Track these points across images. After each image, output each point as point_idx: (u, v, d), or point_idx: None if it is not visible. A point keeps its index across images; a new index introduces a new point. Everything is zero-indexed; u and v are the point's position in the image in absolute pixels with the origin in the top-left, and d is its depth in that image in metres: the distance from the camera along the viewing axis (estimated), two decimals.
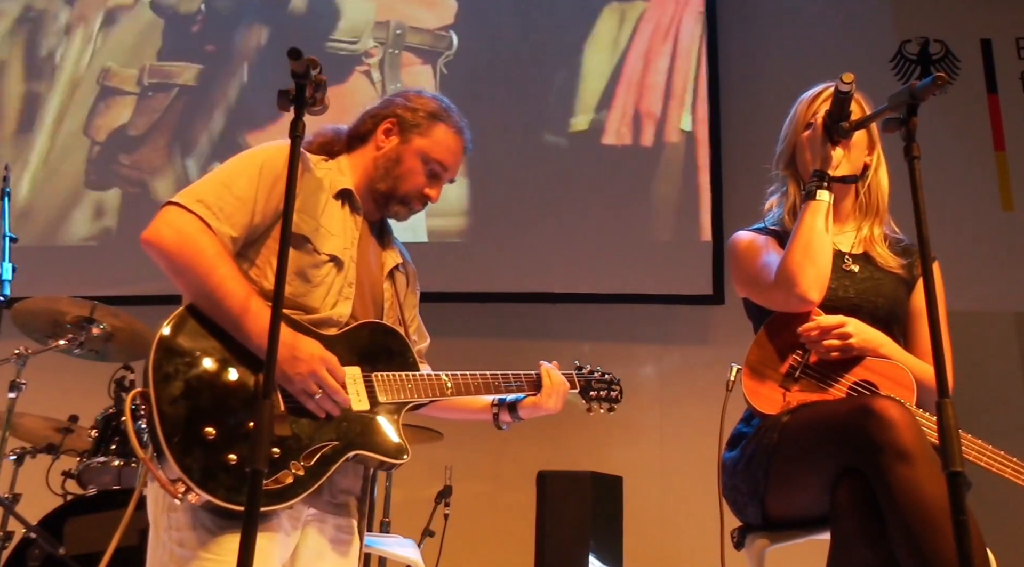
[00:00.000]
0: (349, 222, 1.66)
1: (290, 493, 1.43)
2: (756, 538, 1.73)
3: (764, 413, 1.71)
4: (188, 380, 1.42)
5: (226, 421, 1.42)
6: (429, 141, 1.71)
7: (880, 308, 1.78)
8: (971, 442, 1.62)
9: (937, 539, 1.38)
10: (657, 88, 4.25)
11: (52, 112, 4.35)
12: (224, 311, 1.46)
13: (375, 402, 1.57)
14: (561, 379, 1.81)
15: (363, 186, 1.71)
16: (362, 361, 1.59)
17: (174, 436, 1.37)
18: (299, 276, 1.56)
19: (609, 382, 1.94)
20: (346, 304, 1.61)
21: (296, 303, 1.56)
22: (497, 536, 3.73)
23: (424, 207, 1.76)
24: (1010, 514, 2.71)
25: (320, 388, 1.48)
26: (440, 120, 1.74)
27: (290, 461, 1.44)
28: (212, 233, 1.50)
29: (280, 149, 1.62)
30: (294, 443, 1.46)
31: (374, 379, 1.59)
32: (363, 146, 1.74)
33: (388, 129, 1.72)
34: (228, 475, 1.39)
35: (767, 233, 1.88)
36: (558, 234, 4.11)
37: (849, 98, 1.69)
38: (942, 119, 3.94)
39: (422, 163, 1.71)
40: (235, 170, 1.58)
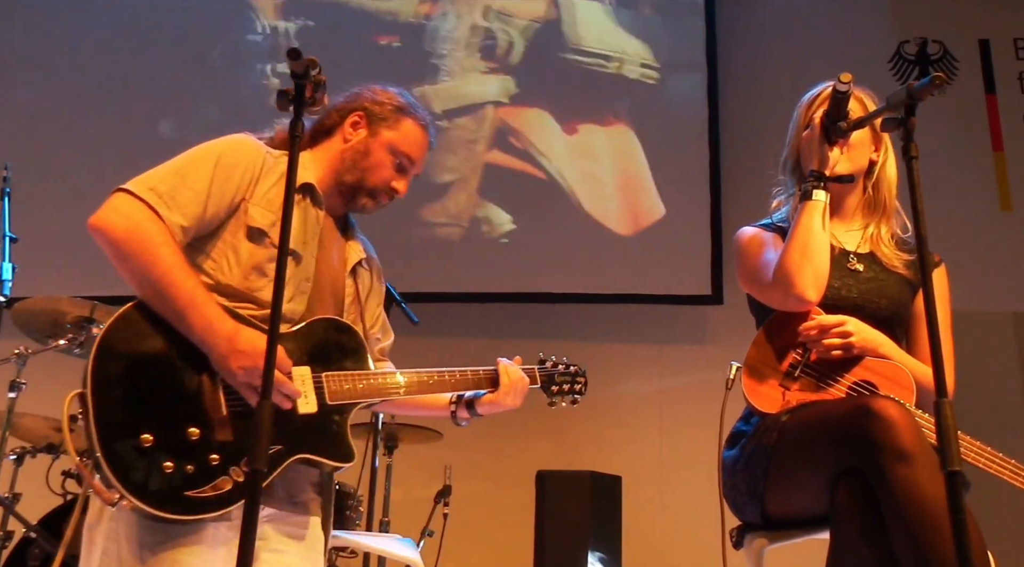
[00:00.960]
0: (310, 216, 1.64)
1: (226, 501, 1.40)
2: (755, 537, 1.73)
3: (763, 412, 1.71)
4: (128, 384, 1.40)
5: (165, 427, 1.39)
6: (397, 134, 1.71)
7: (883, 309, 1.78)
8: (969, 443, 1.62)
9: (936, 539, 1.39)
10: (657, 88, 4.26)
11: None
12: (168, 302, 1.44)
13: (323, 403, 1.53)
14: (519, 376, 1.79)
15: (328, 180, 1.69)
16: (312, 360, 1.55)
17: (109, 442, 1.35)
18: (256, 270, 1.55)
19: (573, 375, 1.92)
20: (302, 299, 1.59)
21: (251, 297, 1.54)
22: (496, 535, 3.73)
23: (391, 200, 1.75)
24: (1009, 514, 2.71)
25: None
26: (407, 114, 1.73)
27: (230, 467, 1.41)
28: (161, 222, 1.47)
29: (238, 142, 1.61)
30: (235, 448, 1.42)
31: (324, 380, 1.55)
32: (328, 140, 1.72)
33: (356, 122, 1.71)
34: (162, 483, 1.36)
35: (773, 230, 1.88)
36: (558, 234, 4.11)
37: (847, 98, 1.70)
38: (940, 119, 3.95)
39: (390, 156, 1.70)
40: (191, 160, 1.56)
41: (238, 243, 1.56)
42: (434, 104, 4.18)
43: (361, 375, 1.60)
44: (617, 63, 4.28)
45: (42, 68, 4.42)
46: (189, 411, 1.42)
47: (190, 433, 1.41)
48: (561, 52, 4.31)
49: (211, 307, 1.46)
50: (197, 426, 1.42)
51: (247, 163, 1.59)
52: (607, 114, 4.24)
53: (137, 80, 4.34)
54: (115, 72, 4.36)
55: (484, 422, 4.02)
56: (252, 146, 1.63)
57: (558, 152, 4.22)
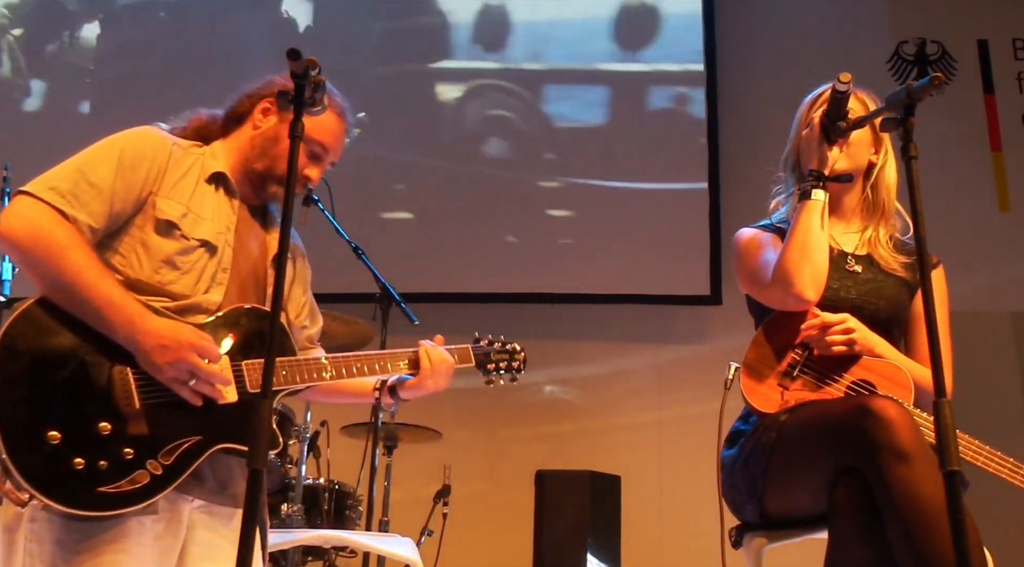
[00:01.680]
0: (224, 206, 1.61)
1: (145, 495, 1.38)
2: (754, 537, 1.74)
3: (762, 412, 1.71)
4: (32, 382, 1.37)
5: (73, 424, 1.36)
6: (310, 121, 1.62)
7: (881, 311, 1.78)
8: (968, 442, 1.63)
9: (934, 538, 1.39)
10: (656, 90, 4.26)
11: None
12: (83, 303, 1.40)
13: (243, 392, 1.50)
14: (442, 357, 1.73)
15: (239, 168, 1.65)
16: (231, 350, 1.52)
17: (15, 442, 1.32)
18: (167, 264, 1.51)
19: (511, 352, 1.88)
20: (219, 290, 1.55)
21: (163, 291, 1.50)
22: (496, 535, 3.73)
23: (304, 189, 1.70)
24: (1007, 513, 2.71)
25: (193, 375, 1.42)
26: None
27: (146, 460, 1.39)
28: (68, 223, 1.43)
29: (141, 134, 1.58)
30: (151, 441, 1.41)
31: (244, 368, 1.51)
32: (239, 127, 1.68)
33: (266, 108, 1.66)
34: (73, 480, 1.34)
35: (772, 230, 1.89)
36: (557, 235, 4.11)
37: (846, 98, 1.70)
38: (939, 120, 3.95)
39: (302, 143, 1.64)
40: (93, 156, 1.51)
41: (147, 237, 1.52)
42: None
43: (282, 362, 1.56)
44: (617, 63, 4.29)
45: (42, 68, 4.42)
46: (99, 406, 1.39)
47: (100, 428, 1.38)
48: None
49: (130, 305, 1.43)
50: (108, 420, 1.39)
51: (152, 155, 1.55)
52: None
53: (137, 80, 4.34)
54: (115, 72, 4.36)
55: (483, 422, 4.03)
56: (157, 137, 1.59)
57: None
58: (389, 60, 4.36)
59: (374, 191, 4.19)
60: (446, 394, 4.09)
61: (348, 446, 3.30)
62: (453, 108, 4.32)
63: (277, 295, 1.28)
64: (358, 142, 4.76)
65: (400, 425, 3.19)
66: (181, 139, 1.64)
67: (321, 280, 4.10)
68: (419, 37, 4.39)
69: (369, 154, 4.27)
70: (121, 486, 1.37)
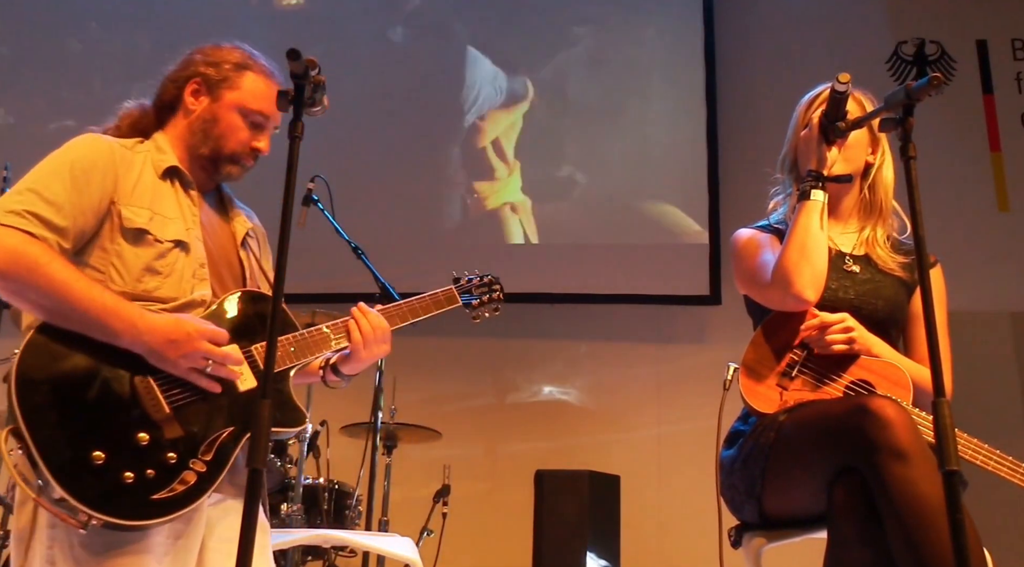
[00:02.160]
0: (184, 201, 1.58)
1: (196, 492, 1.40)
2: (753, 537, 1.74)
3: (761, 412, 1.72)
4: (60, 408, 1.35)
5: (113, 440, 1.37)
6: (241, 93, 1.60)
7: (880, 311, 1.79)
8: (967, 441, 1.63)
9: (933, 538, 1.39)
10: (655, 90, 4.27)
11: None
12: (80, 316, 1.38)
13: (259, 375, 1.49)
14: (372, 325, 1.63)
15: (187, 157, 1.61)
16: (238, 336, 1.51)
17: (61, 469, 1.32)
18: (148, 271, 1.49)
19: (489, 284, 1.87)
20: (204, 285, 1.54)
21: (151, 298, 1.48)
22: (495, 535, 3.74)
23: (256, 161, 1.65)
24: (1006, 513, 2.72)
25: (208, 360, 1.42)
26: (247, 68, 1.62)
27: (189, 460, 1.41)
28: (38, 241, 1.40)
29: (86, 142, 1.53)
30: (188, 441, 1.42)
31: (254, 352, 1.51)
32: (174, 115, 1.63)
33: (195, 90, 1.61)
34: (129, 494, 1.35)
35: (770, 231, 1.89)
36: (556, 236, 4.12)
37: (845, 98, 1.70)
38: (938, 120, 3.95)
39: (240, 117, 1.60)
40: (43, 175, 1.47)
41: (120, 248, 1.49)
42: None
43: (290, 338, 1.55)
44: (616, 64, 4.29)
45: (42, 68, 4.42)
46: (131, 418, 1.39)
47: (139, 439, 1.38)
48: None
49: (127, 307, 1.41)
50: (144, 430, 1.39)
51: (103, 164, 1.51)
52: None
53: (139, 80, 4.33)
54: (116, 72, 4.36)
55: (483, 422, 4.01)
56: (103, 144, 1.54)
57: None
58: (392, 61, 4.37)
59: (374, 191, 4.19)
60: (446, 394, 4.12)
61: (348, 446, 3.31)
62: (454, 108, 4.32)
63: (278, 286, 1.27)
64: (359, 142, 4.77)
65: (400, 425, 3.20)
66: (122, 139, 1.60)
67: (321, 280, 4.14)
68: (423, 40, 4.40)
69: (369, 154, 4.28)
70: (174, 489, 1.38)
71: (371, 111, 4.30)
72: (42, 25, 4.50)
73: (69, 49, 4.48)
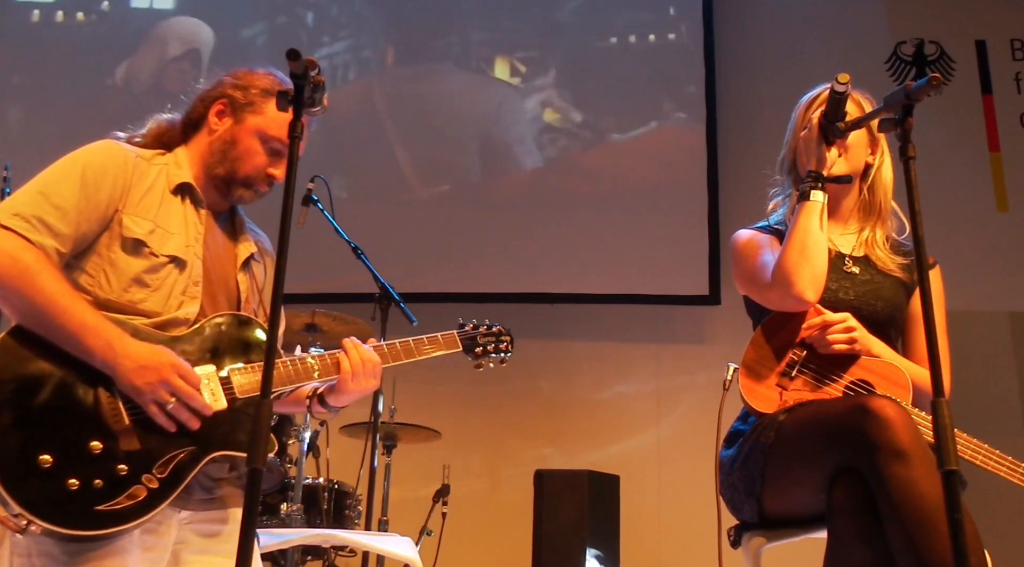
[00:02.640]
0: (192, 218, 1.59)
1: (144, 509, 1.38)
2: (752, 536, 1.74)
3: (761, 412, 1.72)
4: (18, 409, 1.36)
5: (64, 446, 1.36)
6: (264, 118, 1.61)
7: (879, 312, 1.79)
8: (966, 440, 1.63)
9: (933, 537, 1.39)
10: (654, 91, 4.27)
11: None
12: (58, 329, 1.39)
13: (232, 399, 1.49)
14: (362, 358, 1.61)
15: (202, 175, 1.62)
16: (216, 358, 1.51)
17: (6, 470, 1.32)
18: (136, 282, 1.49)
19: (497, 334, 1.85)
20: (192, 303, 1.54)
21: (135, 310, 1.49)
22: (495, 534, 3.74)
23: (270, 188, 1.64)
24: (1005, 512, 2.72)
25: (173, 396, 1.42)
26: (273, 95, 1.58)
27: (142, 475, 1.39)
28: (34, 248, 1.41)
29: (102, 150, 1.54)
30: (144, 455, 1.40)
31: (231, 375, 1.51)
32: (197, 133, 1.65)
33: (220, 111, 1.63)
34: (72, 502, 1.34)
35: (770, 232, 1.89)
36: (556, 235, 4.12)
37: (844, 98, 1.70)
38: (937, 120, 3.96)
39: (260, 142, 1.61)
40: (54, 178, 1.48)
41: (114, 256, 1.50)
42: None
43: (276, 364, 1.53)
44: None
45: (43, 68, 4.42)
46: (88, 426, 1.39)
47: (92, 447, 1.38)
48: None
49: (108, 329, 1.41)
50: (99, 439, 1.39)
51: (116, 172, 1.52)
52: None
53: (138, 80, 4.33)
54: (116, 72, 4.36)
55: (482, 422, 4.01)
56: (118, 153, 1.55)
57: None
58: (396, 63, 4.36)
59: (374, 191, 4.19)
60: (445, 394, 4.12)
61: (347, 446, 3.31)
62: (454, 108, 4.33)
63: (278, 286, 1.27)
64: (359, 142, 4.78)
65: (399, 425, 3.20)
66: (143, 149, 1.61)
67: (320, 280, 4.14)
68: (425, 39, 4.40)
69: (369, 154, 4.28)
70: (120, 502, 1.37)
71: (372, 110, 4.30)
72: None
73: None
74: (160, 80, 4.31)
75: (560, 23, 4.37)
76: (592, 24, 4.35)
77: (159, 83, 4.29)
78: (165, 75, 4.32)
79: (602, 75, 4.27)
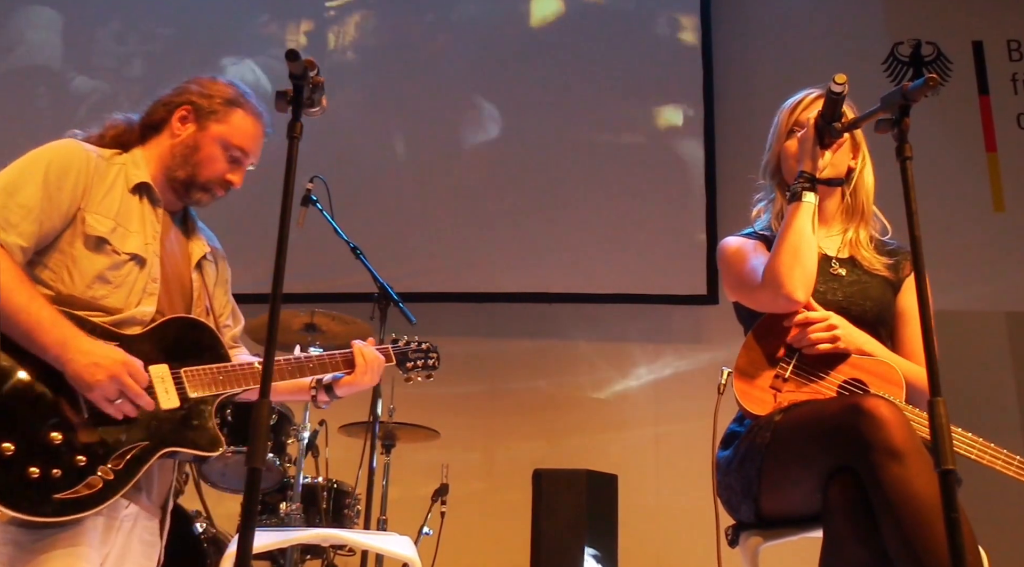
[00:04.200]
0: (149, 216, 1.65)
1: (100, 498, 1.45)
2: (750, 536, 1.75)
3: (756, 414, 1.72)
4: None
5: (25, 435, 1.42)
6: (227, 127, 1.69)
7: (868, 311, 1.80)
8: (961, 435, 1.64)
9: (928, 536, 1.39)
10: (653, 91, 4.28)
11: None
12: (14, 326, 1.44)
13: (185, 398, 1.57)
14: (375, 355, 1.81)
15: (160, 176, 1.68)
16: (169, 358, 1.59)
17: None
18: (99, 279, 1.55)
19: (426, 351, 1.96)
20: (150, 301, 1.60)
21: (97, 306, 1.55)
22: (493, 534, 3.74)
23: (226, 192, 1.74)
24: (1001, 511, 2.73)
25: (121, 393, 1.48)
26: (237, 105, 1.71)
27: (98, 466, 1.46)
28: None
29: (64, 149, 1.59)
30: (101, 448, 1.48)
31: (183, 375, 1.58)
32: (158, 135, 1.71)
33: (184, 116, 1.69)
34: (31, 489, 1.40)
35: (756, 238, 1.90)
36: (554, 235, 4.12)
37: (842, 99, 1.70)
38: (934, 120, 3.97)
39: (222, 149, 1.69)
40: (18, 176, 1.53)
41: (76, 253, 1.55)
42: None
43: (220, 368, 1.62)
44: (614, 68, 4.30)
45: (44, 68, 4.42)
46: (49, 418, 1.45)
47: (52, 438, 1.44)
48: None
49: (62, 326, 1.47)
50: (59, 431, 1.45)
51: (78, 171, 1.58)
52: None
53: (138, 81, 4.33)
54: (116, 74, 4.36)
55: (481, 421, 4.01)
56: (79, 151, 1.61)
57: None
58: (395, 63, 4.37)
59: (374, 191, 4.19)
60: (444, 394, 4.13)
61: (346, 445, 3.31)
62: (454, 108, 4.33)
63: (277, 286, 1.28)
64: (359, 143, 4.78)
65: (398, 424, 3.20)
66: (101, 149, 1.66)
67: (320, 280, 4.14)
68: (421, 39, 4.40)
69: (369, 154, 4.28)
70: (78, 491, 1.43)
71: (372, 109, 4.30)
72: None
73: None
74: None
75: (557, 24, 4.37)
76: (592, 25, 4.35)
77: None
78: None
79: (601, 76, 4.28)
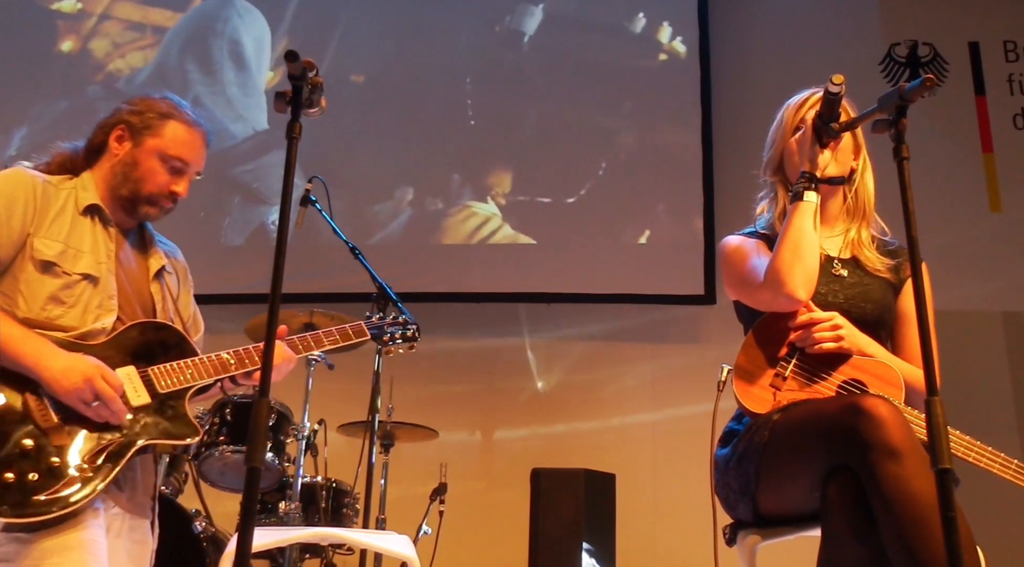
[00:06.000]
0: (101, 236, 1.71)
1: (78, 495, 1.50)
2: (748, 534, 1.75)
3: (756, 413, 1.73)
4: None
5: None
6: (161, 140, 1.74)
7: (869, 313, 1.80)
8: (958, 437, 1.64)
9: (926, 535, 1.40)
10: (651, 91, 4.28)
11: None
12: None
13: (155, 394, 1.64)
14: (279, 352, 1.76)
15: (108, 196, 1.74)
16: (136, 360, 1.65)
17: None
18: (52, 300, 1.61)
19: (404, 323, 2.00)
20: (108, 316, 1.66)
21: (54, 326, 1.60)
22: (491, 533, 3.75)
23: (175, 204, 1.79)
24: (999, 511, 2.74)
25: (96, 397, 1.54)
26: (170, 117, 1.76)
27: (74, 465, 1.52)
28: None
29: (10, 178, 1.65)
30: (74, 449, 1.54)
31: (151, 373, 1.65)
32: (100, 158, 1.77)
33: (120, 136, 1.75)
34: (9, 493, 1.46)
35: (757, 237, 1.90)
36: (552, 235, 4.13)
37: (839, 99, 1.71)
38: (931, 121, 3.98)
39: (160, 161, 1.74)
40: None
41: (28, 277, 1.61)
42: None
43: (188, 362, 1.68)
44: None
45: (45, 70, 4.42)
46: (19, 426, 1.52)
47: (24, 444, 1.50)
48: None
49: (35, 339, 1.54)
50: (30, 437, 1.51)
51: (25, 198, 1.64)
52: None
53: (138, 80, 4.33)
54: (117, 74, 4.36)
55: (479, 420, 4.01)
56: (27, 179, 1.67)
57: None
58: (394, 62, 4.37)
59: (374, 191, 4.20)
60: (443, 393, 4.13)
61: (345, 444, 3.32)
62: (454, 108, 4.33)
63: (276, 286, 1.28)
64: (360, 143, 4.79)
65: (397, 423, 3.21)
66: (48, 176, 1.71)
67: (319, 280, 4.15)
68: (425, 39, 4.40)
69: (369, 154, 4.28)
70: (57, 490, 1.48)
71: (372, 108, 4.30)
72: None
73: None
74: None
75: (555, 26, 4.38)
76: (591, 25, 4.36)
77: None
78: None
79: (600, 77, 4.28)
